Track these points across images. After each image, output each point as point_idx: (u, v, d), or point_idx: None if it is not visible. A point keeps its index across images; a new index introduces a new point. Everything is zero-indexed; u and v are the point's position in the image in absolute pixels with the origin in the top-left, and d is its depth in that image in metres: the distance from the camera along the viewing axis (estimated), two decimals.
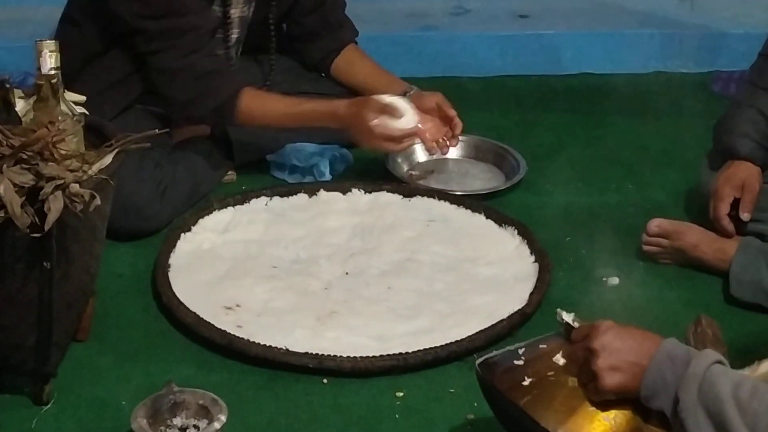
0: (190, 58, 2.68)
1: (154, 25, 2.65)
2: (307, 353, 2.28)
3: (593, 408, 1.76)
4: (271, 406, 2.22)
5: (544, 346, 1.86)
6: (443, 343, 2.31)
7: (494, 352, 1.94)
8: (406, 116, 2.74)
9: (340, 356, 2.27)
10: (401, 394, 2.25)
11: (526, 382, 1.81)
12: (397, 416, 2.19)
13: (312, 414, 2.20)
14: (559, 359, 1.83)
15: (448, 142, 2.88)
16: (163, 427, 2.07)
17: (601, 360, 1.73)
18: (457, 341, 2.32)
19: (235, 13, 2.89)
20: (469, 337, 2.32)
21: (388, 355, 2.30)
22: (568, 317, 1.88)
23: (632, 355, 1.72)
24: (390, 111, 2.72)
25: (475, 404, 2.16)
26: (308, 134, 3.04)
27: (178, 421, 2.08)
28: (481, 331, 2.30)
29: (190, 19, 2.70)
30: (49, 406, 2.20)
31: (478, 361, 1.94)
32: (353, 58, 3.12)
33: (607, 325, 1.77)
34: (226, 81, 2.72)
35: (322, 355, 2.27)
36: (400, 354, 2.29)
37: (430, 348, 2.30)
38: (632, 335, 1.75)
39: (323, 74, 3.16)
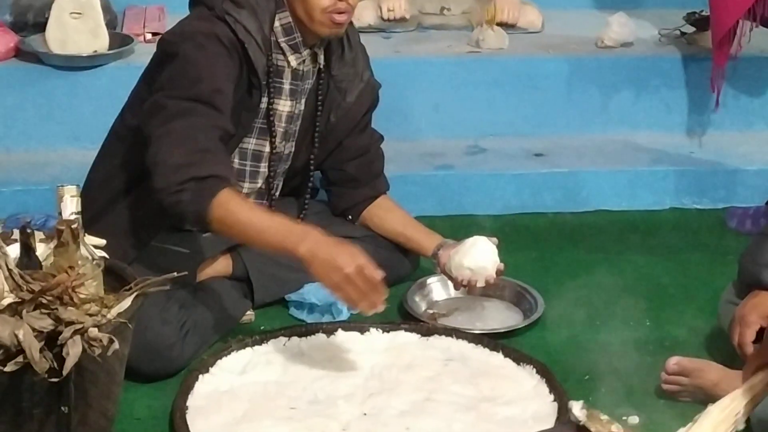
0: (200, 134, 2.62)
1: (176, 103, 2.61)
2: None
3: None
4: None
5: None
6: None
7: None
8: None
9: None
10: None
11: None
12: None
13: None
14: None
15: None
16: None
17: None
18: None
19: (283, 108, 2.91)
20: None
21: None
22: (577, 410, 1.94)
23: None
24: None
25: None
26: None
27: None
28: None
29: (215, 99, 2.67)
30: None
31: None
32: (388, 208, 3.13)
33: None
34: (221, 163, 2.64)
35: None
36: None
37: None
38: None
39: (350, 218, 3.15)
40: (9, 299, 2.05)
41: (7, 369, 1.97)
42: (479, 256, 2.83)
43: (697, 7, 3.88)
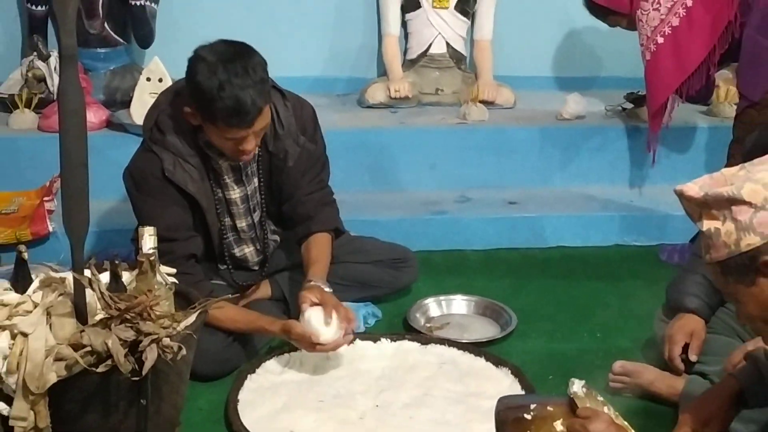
0: (178, 266, 2.46)
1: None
2: None
3: None
4: None
5: (551, 409, 1.84)
6: None
7: (513, 398, 1.98)
8: (325, 334, 2.59)
9: None
10: None
11: None
12: None
13: None
14: (558, 425, 1.81)
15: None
16: None
17: None
18: None
19: (234, 194, 2.80)
20: None
21: None
22: (577, 387, 1.86)
23: None
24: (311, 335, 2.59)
25: None
26: (345, 293, 2.95)
27: None
28: None
29: (178, 247, 2.62)
30: None
31: (498, 404, 1.91)
32: (313, 244, 2.84)
33: (606, 418, 1.78)
34: (195, 282, 2.58)
35: None
36: None
37: None
38: None
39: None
40: (100, 315, 2.07)
41: (99, 370, 1.98)
42: (308, 326, 2.60)
43: (635, 88, 3.89)
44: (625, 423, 1.86)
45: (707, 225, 1.66)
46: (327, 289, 2.69)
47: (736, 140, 3.18)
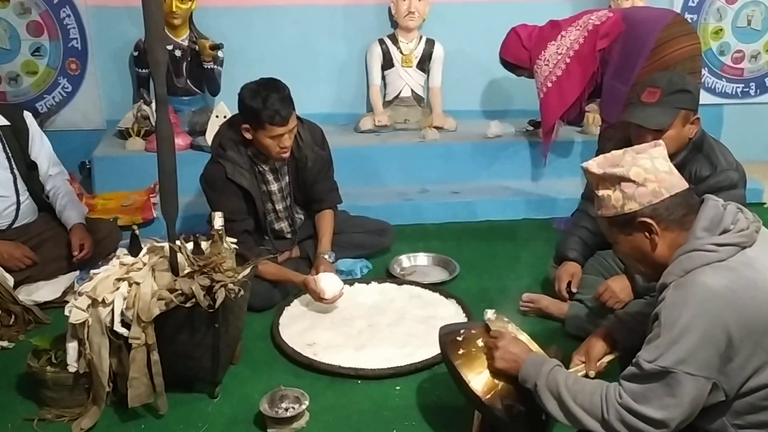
0: (239, 238, 2.42)
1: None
2: (349, 367, 2.28)
3: (491, 373, 1.77)
4: (331, 396, 2.21)
5: (474, 332, 1.85)
6: (420, 360, 2.31)
7: (449, 326, 1.94)
8: (328, 293, 2.58)
9: (365, 368, 2.27)
10: (398, 387, 2.24)
11: (460, 351, 1.81)
12: (396, 398, 2.17)
13: (351, 397, 2.19)
14: (480, 342, 1.82)
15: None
16: (276, 409, 2.06)
17: (499, 353, 1.75)
18: (426, 359, 2.31)
19: (274, 187, 2.76)
20: (432, 357, 2.31)
21: (391, 367, 2.29)
22: (490, 314, 1.87)
23: (514, 355, 1.73)
24: (319, 289, 2.57)
25: (437, 393, 2.13)
26: (347, 252, 2.96)
27: (284, 405, 2.08)
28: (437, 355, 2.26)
29: (237, 226, 2.57)
30: (217, 398, 2.20)
31: (439, 331, 1.91)
32: (322, 217, 2.86)
33: (509, 336, 1.78)
34: (249, 249, 2.51)
35: (358, 368, 2.27)
36: (398, 366, 2.28)
37: (414, 362, 2.30)
38: (518, 345, 1.76)
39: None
40: (187, 270, 2.08)
41: (187, 305, 2.00)
42: (322, 284, 2.60)
43: (534, 116, 3.86)
44: (525, 334, 1.86)
45: (602, 192, 1.59)
46: (330, 260, 2.74)
47: (600, 149, 3.20)
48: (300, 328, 2.55)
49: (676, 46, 2.90)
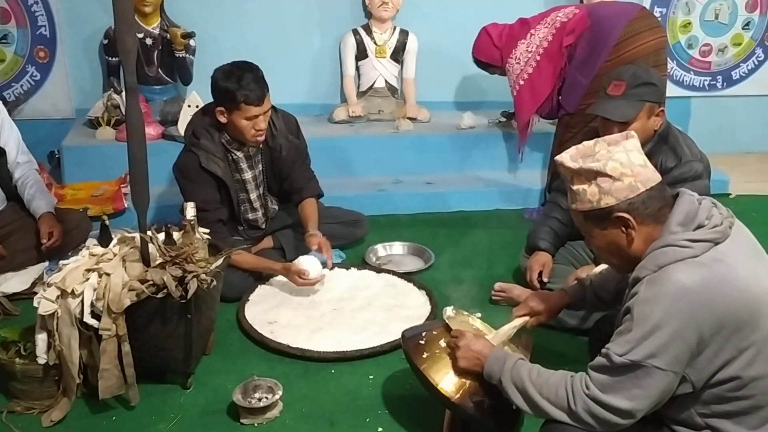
0: (212, 227, 2.40)
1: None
2: (296, 347, 2.32)
3: (456, 372, 1.77)
4: (304, 385, 2.20)
5: (435, 333, 1.85)
6: (382, 342, 2.34)
7: (411, 329, 1.93)
8: (310, 274, 2.58)
9: (311, 350, 2.31)
10: (372, 377, 2.23)
11: (424, 355, 1.80)
12: (370, 388, 2.16)
13: (325, 386, 2.18)
14: (442, 343, 1.82)
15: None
16: (249, 399, 2.05)
17: (461, 352, 1.76)
18: (388, 342, 2.34)
19: (248, 175, 2.74)
20: (385, 343, 2.33)
21: (354, 350, 2.32)
22: (449, 311, 1.87)
23: (476, 353, 1.73)
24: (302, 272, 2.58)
25: (410, 382, 2.14)
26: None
27: (257, 395, 2.07)
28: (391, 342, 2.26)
29: (210, 215, 2.55)
30: (190, 389, 2.18)
31: (402, 335, 1.91)
32: (305, 205, 2.83)
33: (469, 334, 1.79)
34: (223, 239, 2.49)
35: (304, 349, 2.31)
36: (360, 349, 2.31)
37: (361, 348, 2.32)
38: (479, 342, 1.76)
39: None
40: (159, 260, 2.06)
41: (159, 296, 1.98)
42: (305, 264, 2.61)
43: (506, 108, 3.90)
44: (487, 325, 1.86)
45: (577, 186, 1.55)
46: (321, 236, 2.72)
47: (558, 135, 3.30)
48: (267, 306, 2.56)
49: (639, 41, 2.95)
